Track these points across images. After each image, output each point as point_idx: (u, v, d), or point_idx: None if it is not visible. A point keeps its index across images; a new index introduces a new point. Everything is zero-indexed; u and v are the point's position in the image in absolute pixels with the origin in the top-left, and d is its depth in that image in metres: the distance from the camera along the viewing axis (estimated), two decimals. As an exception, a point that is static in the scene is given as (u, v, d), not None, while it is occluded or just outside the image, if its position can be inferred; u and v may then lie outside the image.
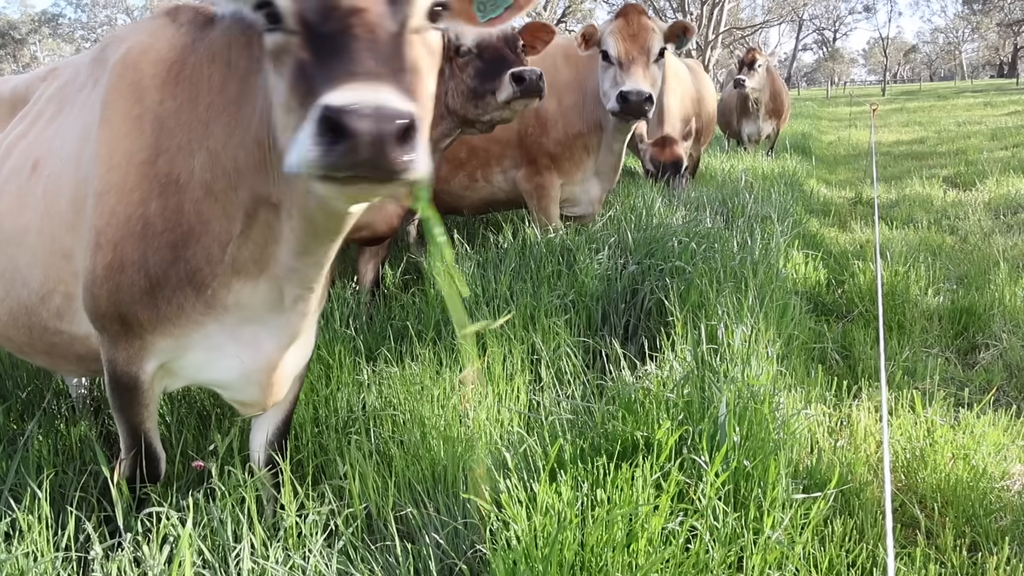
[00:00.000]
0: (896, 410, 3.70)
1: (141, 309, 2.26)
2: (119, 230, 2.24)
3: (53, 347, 2.70)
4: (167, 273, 2.22)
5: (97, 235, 2.27)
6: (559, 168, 5.48)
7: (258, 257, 2.19)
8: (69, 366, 2.88)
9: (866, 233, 7.55)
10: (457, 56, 4.12)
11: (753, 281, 4.41)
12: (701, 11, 42.02)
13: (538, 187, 5.52)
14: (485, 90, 4.09)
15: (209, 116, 2.17)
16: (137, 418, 2.51)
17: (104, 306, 2.30)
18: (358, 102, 1.48)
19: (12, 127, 2.88)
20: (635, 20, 5.07)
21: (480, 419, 3.15)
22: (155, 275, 2.22)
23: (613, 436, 2.83)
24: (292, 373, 2.58)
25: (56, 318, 2.55)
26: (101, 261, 2.27)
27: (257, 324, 2.34)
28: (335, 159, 1.49)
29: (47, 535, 2.37)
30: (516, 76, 3.98)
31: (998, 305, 5.07)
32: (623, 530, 2.34)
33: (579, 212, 5.83)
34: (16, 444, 3.10)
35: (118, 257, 2.25)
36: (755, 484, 2.63)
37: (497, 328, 2.45)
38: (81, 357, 2.67)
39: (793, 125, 20.30)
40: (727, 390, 2.98)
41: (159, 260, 2.22)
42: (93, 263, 2.28)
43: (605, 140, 5.50)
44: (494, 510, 2.43)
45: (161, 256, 2.22)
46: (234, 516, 2.44)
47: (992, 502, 2.94)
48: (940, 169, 12.25)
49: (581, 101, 5.48)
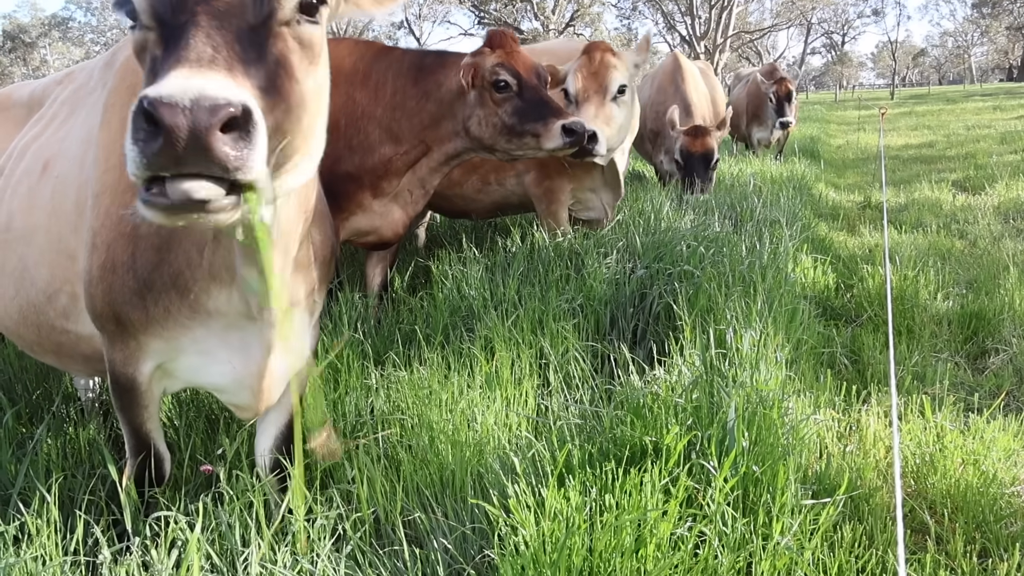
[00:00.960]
0: (906, 415, 3.68)
1: (132, 310, 2.27)
2: (112, 231, 2.25)
3: (60, 346, 2.72)
4: (152, 275, 2.22)
5: (93, 236, 2.29)
6: (571, 173, 5.49)
7: (230, 264, 2.16)
8: (76, 365, 2.89)
9: (875, 237, 7.53)
10: (494, 90, 4.14)
11: (762, 285, 4.39)
12: (709, 15, 41.99)
13: (548, 191, 5.52)
14: (525, 131, 4.14)
15: None
16: (138, 419, 2.52)
17: (100, 306, 2.32)
18: (173, 92, 1.35)
19: (28, 129, 2.91)
20: (597, 57, 5.03)
21: (488, 423, 3.15)
22: (142, 276, 2.23)
23: (622, 441, 2.83)
24: (285, 378, 2.54)
25: (63, 318, 2.57)
26: (96, 261, 2.29)
27: (242, 331, 2.32)
28: (152, 157, 1.37)
29: (56, 539, 2.37)
30: (568, 129, 4.06)
31: (1008, 310, 5.04)
32: (632, 535, 2.33)
33: (592, 216, 5.83)
34: (25, 447, 3.11)
35: (111, 258, 2.26)
36: (764, 489, 2.62)
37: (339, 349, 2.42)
38: (87, 357, 2.68)
39: (802, 129, 20.28)
40: (736, 395, 2.97)
41: (145, 262, 2.22)
42: (90, 263, 2.30)
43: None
44: (502, 515, 2.42)
45: (147, 258, 2.22)
46: (242, 520, 2.44)
47: (1002, 508, 2.93)
48: (949, 173, 12.22)
49: None
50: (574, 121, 4.09)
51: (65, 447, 3.23)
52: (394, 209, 4.49)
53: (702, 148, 7.35)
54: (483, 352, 3.75)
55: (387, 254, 4.91)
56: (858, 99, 51.81)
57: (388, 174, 4.37)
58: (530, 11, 47.24)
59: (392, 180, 4.39)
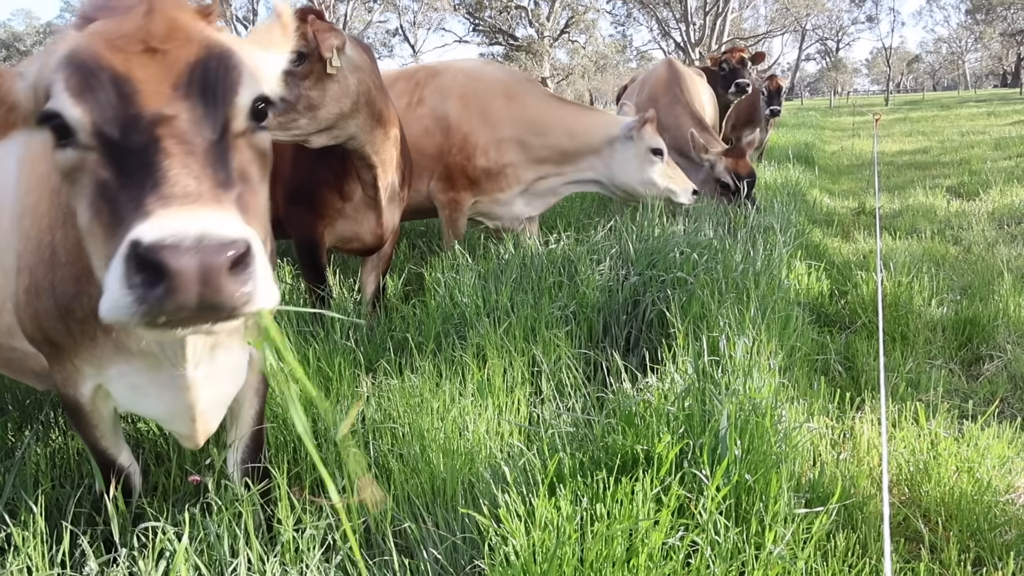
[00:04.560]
0: (899, 422, 3.67)
1: (57, 335, 2.19)
2: (33, 255, 2.16)
3: (10, 362, 2.67)
4: (72, 305, 2.12)
5: (18, 258, 2.21)
6: (475, 188, 5.75)
7: None
8: (30, 380, 2.84)
9: (869, 243, 7.53)
10: None
11: (755, 292, 4.39)
12: (704, 21, 42.13)
13: (451, 200, 5.74)
14: None
15: None
16: (90, 437, 2.47)
17: (29, 329, 2.26)
18: (175, 234, 1.26)
19: None
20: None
21: (480, 432, 3.13)
22: (63, 304, 2.13)
23: (613, 450, 2.81)
24: (223, 404, 2.44)
25: (7, 335, 2.51)
26: (22, 284, 2.21)
27: (170, 370, 2.18)
28: (154, 305, 1.27)
29: (42, 550, 2.35)
30: None
31: (1002, 316, 5.04)
32: (623, 545, 2.32)
33: (500, 225, 6.06)
34: (13, 457, 3.09)
35: (34, 282, 2.17)
36: (756, 498, 2.61)
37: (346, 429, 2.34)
38: (37, 373, 2.63)
39: (796, 135, 20.32)
40: (728, 403, 2.96)
41: (64, 291, 2.12)
42: (17, 286, 2.23)
43: (563, 176, 5.93)
44: (493, 525, 2.41)
45: (65, 287, 2.11)
46: (231, 531, 2.42)
47: (996, 516, 2.91)
48: (944, 179, 12.23)
49: (518, 135, 5.73)
50: None
51: (53, 456, 3.20)
52: (368, 211, 4.51)
53: (747, 169, 7.21)
54: (475, 360, 3.73)
55: (380, 261, 4.90)
56: (853, 105, 51.97)
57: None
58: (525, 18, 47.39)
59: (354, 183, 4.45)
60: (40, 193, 2.16)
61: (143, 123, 1.43)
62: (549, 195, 6.07)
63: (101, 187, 1.44)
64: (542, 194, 6.01)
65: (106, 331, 2.12)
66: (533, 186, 5.91)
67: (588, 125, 5.84)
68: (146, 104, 1.45)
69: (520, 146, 5.75)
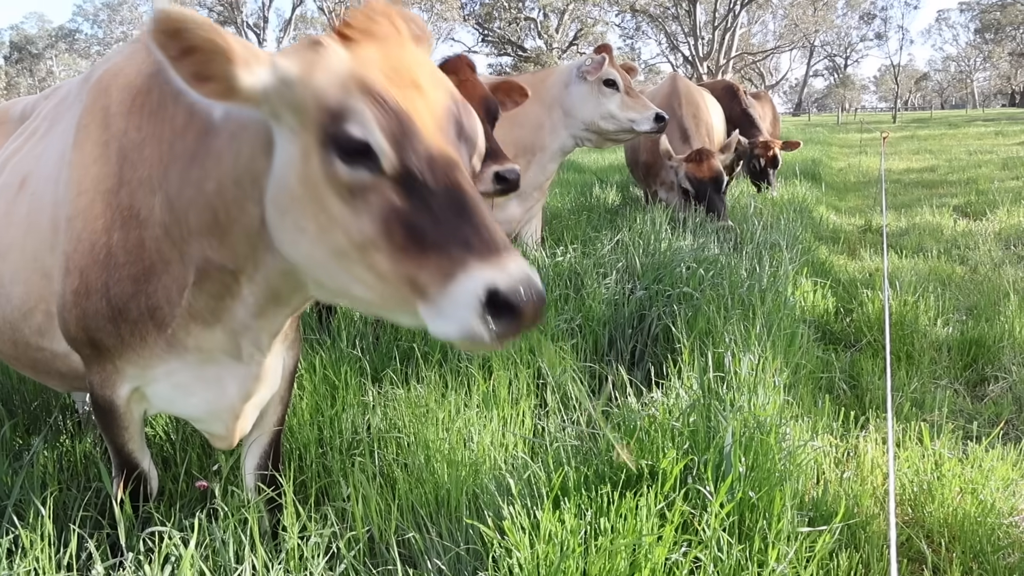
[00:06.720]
0: (904, 442, 3.67)
1: (105, 336, 2.24)
2: (85, 257, 2.21)
3: (36, 363, 2.70)
4: (128, 305, 2.18)
5: (66, 260, 2.25)
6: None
7: (214, 308, 2.14)
8: (53, 381, 2.87)
9: (875, 261, 7.53)
10: None
11: (761, 308, 4.40)
12: (712, 36, 42.22)
13: None
14: None
15: (169, 158, 2.09)
16: (119, 439, 2.50)
17: (74, 330, 2.29)
18: (522, 285, 1.54)
19: (11, 142, 2.87)
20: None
21: (485, 443, 3.15)
22: (117, 305, 2.19)
23: (618, 464, 2.82)
24: (258, 407, 2.54)
25: (38, 335, 2.54)
26: (70, 286, 2.25)
27: (219, 365, 2.30)
28: (502, 331, 1.55)
29: (49, 552, 2.36)
30: (500, 176, 4.02)
31: (1008, 337, 5.04)
32: (626, 560, 2.33)
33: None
34: (21, 460, 3.11)
35: (84, 283, 2.22)
36: (760, 516, 2.62)
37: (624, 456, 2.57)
38: (63, 374, 2.66)
39: (804, 151, 20.28)
40: (733, 419, 2.97)
41: (120, 292, 2.18)
42: (63, 287, 2.27)
43: (538, 161, 5.98)
44: (497, 536, 2.41)
45: (122, 288, 2.18)
46: (236, 537, 2.43)
47: (1000, 538, 2.91)
48: (950, 198, 12.22)
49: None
50: (506, 169, 4.01)
51: (61, 459, 3.22)
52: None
53: (709, 172, 7.08)
54: (480, 371, 3.74)
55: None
56: (860, 122, 51.99)
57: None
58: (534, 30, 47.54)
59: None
60: (94, 195, 2.19)
61: (440, 165, 1.62)
62: (535, 188, 6.04)
63: (397, 213, 1.62)
64: (529, 188, 5.92)
65: (159, 329, 2.19)
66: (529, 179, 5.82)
67: (544, 89, 5.97)
68: (435, 146, 1.65)
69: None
